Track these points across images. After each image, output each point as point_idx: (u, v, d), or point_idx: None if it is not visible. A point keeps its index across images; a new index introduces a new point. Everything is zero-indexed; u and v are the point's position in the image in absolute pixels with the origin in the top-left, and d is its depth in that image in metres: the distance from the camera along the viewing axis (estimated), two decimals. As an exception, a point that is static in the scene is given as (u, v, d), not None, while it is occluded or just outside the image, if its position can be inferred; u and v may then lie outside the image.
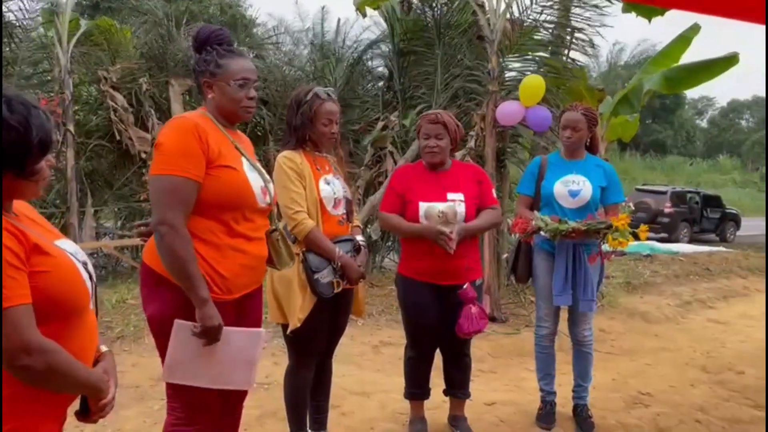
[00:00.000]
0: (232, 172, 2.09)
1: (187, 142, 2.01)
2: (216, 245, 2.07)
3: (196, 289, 1.98)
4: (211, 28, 2.21)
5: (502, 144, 6.19)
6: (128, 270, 7.93)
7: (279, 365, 4.06)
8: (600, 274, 3.47)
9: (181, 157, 1.99)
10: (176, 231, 1.97)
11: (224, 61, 2.14)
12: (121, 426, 3.43)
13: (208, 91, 2.17)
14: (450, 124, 3.07)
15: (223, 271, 2.08)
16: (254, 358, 2.15)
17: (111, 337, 4.73)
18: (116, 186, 7.98)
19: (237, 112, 2.19)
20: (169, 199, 1.98)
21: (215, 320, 2.00)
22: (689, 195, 16.95)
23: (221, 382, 2.12)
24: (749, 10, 3.10)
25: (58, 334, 1.37)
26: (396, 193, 3.12)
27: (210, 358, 2.07)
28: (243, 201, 2.12)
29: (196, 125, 2.04)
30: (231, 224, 2.10)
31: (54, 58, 7.39)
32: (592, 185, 3.31)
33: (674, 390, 4.23)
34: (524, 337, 5.28)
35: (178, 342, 2.05)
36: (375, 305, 6.00)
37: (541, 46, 6.76)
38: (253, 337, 2.16)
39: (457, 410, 3.35)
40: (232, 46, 2.20)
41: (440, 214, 2.96)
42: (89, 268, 1.52)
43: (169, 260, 1.99)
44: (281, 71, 8.92)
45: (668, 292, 7.63)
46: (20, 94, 1.38)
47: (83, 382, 1.43)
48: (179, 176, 1.98)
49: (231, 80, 2.13)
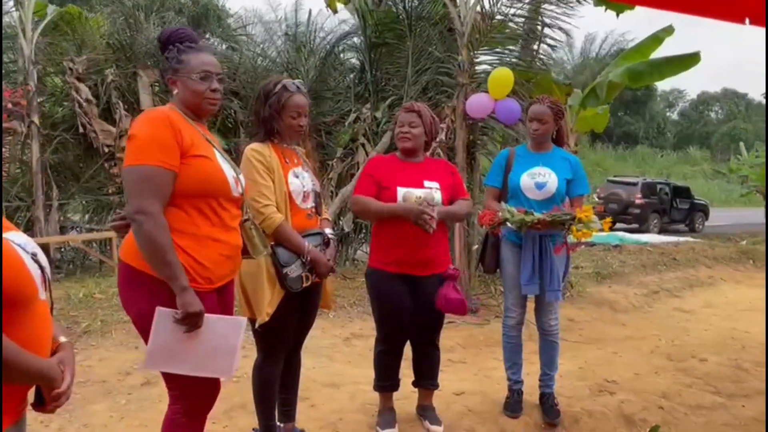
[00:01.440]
0: (206, 161, 2.12)
1: (160, 132, 2.03)
2: (195, 236, 2.09)
3: (175, 276, 1.99)
4: (172, 29, 2.26)
5: (472, 136, 6.23)
6: (96, 264, 7.82)
7: (248, 358, 4.01)
8: (566, 265, 3.52)
9: (155, 147, 2.01)
10: (154, 218, 1.98)
11: (185, 57, 2.19)
12: (87, 420, 3.39)
13: (173, 87, 2.22)
14: (425, 115, 3.12)
15: (203, 261, 2.09)
16: (235, 345, 2.15)
17: (78, 332, 4.67)
18: (83, 179, 7.84)
19: (201, 104, 2.21)
20: (145, 188, 2.00)
21: (196, 306, 2.02)
22: (659, 186, 17.25)
23: (202, 370, 2.12)
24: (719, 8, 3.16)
25: (4, 324, 1.36)
26: (373, 179, 3.11)
27: (191, 346, 2.08)
28: (218, 189, 2.14)
29: (168, 116, 2.08)
30: (208, 214, 2.12)
31: (17, 48, 7.21)
32: (558, 177, 3.36)
33: (639, 377, 4.32)
34: (494, 328, 5.34)
35: (160, 329, 2.05)
36: (347, 297, 6.02)
37: (511, 39, 6.80)
38: (234, 324, 2.17)
39: (425, 400, 3.39)
40: (194, 43, 2.23)
41: (418, 199, 2.98)
42: (39, 258, 1.52)
43: (148, 248, 2.00)
44: (253, 63, 8.84)
45: (636, 281, 7.78)
46: None
47: (33, 372, 1.42)
48: (154, 166, 2.00)
49: (193, 74, 2.17)
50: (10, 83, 7.37)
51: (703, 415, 3.76)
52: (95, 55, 7.80)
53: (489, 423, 3.41)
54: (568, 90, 6.91)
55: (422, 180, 3.07)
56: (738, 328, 5.86)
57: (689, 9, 3.13)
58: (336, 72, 8.67)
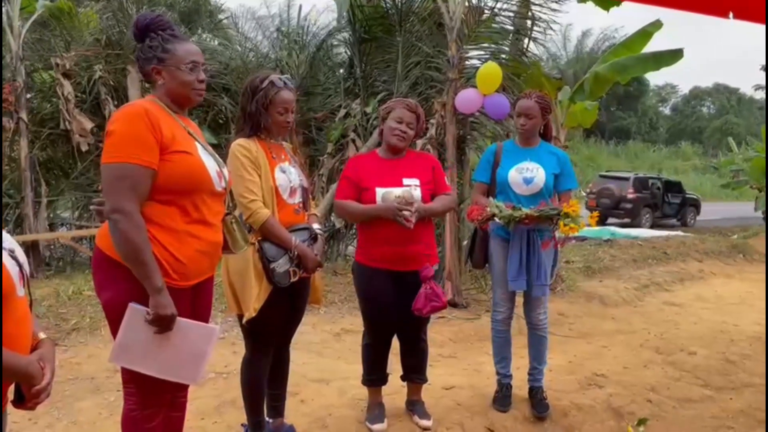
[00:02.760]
0: (187, 156, 2.09)
1: (137, 129, 2.00)
2: (174, 231, 2.07)
3: (150, 277, 1.98)
4: (151, 15, 2.20)
5: (462, 131, 6.23)
6: (86, 261, 7.78)
7: (238, 354, 4.03)
8: (554, 259, 3.54)
9: (133, 144, 1.98)
10: (130, 218, 1.96)
11: (171, 46, 2.14)
12: (75, 417, 3.38)
13: (157, 78, 2.16)
14: (421, 118, 3.15)
15: (180, 257, 2.08)
16: (205, 353, 2.13)
17: (66, 329, 4.65)
18: (72, 175, 7.78)
19: (189, 95, 2.19)
20: (122, 186, 1.97)
21: (168, 309, 2.00)
22: (651, 181, 17.33)
23: (168, 373, 2.10)
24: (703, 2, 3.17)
25: None
26: (351, 182, 3.13)
27: (160, 347, 2.06)
28: (200, 185, 2.12)
29: (146, 111, 2.03)
30: (189, 209, 2.10)
31: (5, 43, 7.14)
32: (545, 172, 3.36)
33: (628, 371, 4.35)
34: (484, 322, 5.34)
35: (130, 326, 2.03)
36: (337, 293, 6.02)
37: (500, 34, 6.79)
38: (206, 332, 2.15)
39: (414, 395, 3.40)
40: (174, 31, 2.19)
41: (397, 198, 2.98)
42: (17, 255, 1.51)
43: (123, 248, 1.98)
44: (244, 58, 8.80)
45: (626, 275, 7.82)
46: None
47: (10, 368, 1.42)
48: (131, 163, 1.98)
49: (181, 64, 2.14)
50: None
51: (691, 408, 3.79)
52: (84, 51, 7.74)
53: (478, 417, 3.42)
54: (558, 85, 6.90)
55: (401, 178, 3.06)
56: (728, 321, 5.90)
57: (673, 4, 3.14)
58: (326, 67, 8.64)
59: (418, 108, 3.15)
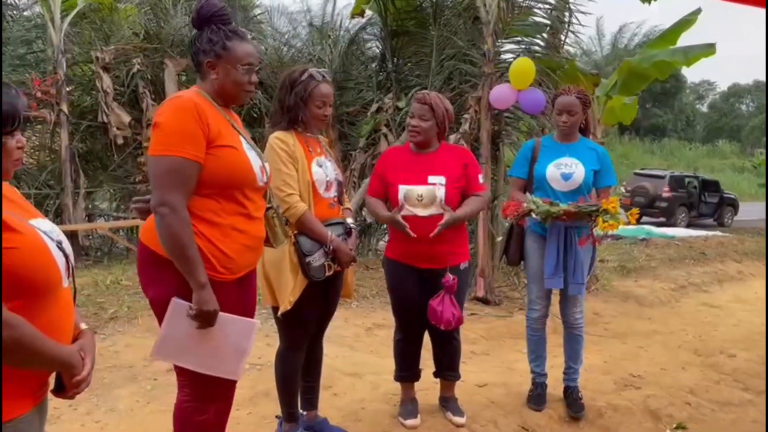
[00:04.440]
0: (233, 151, 2.08)
1: (186, 122, 1.98)
2: (220, 225, 2.07)
3: (194, 272, 1.97)
4: (215, 5, 2.13)
5: (497, 127, 6.16)
6: (123, 251, 7.94)
7: (272, 346, 4.06)
8: (591, 257, 3.48)
9: (181, 138, 1.97)
10: (176, 212, 1.95)
11: (231, 44, 2.11)
12: (114, 405, 3.45)
13: (210, 72, 2.13)
14: (438, 106, 3.04)
15: (226, 250, 2.08)
16: (246, 348, 2.13)
17: (105, 318, 4.74)
18: (111, 167, 7.94)
19: (239, 95, 2.18)
20: (169, 180, 1.96)
21: (211, 305, 2.00)
22: (688, 179, 16.96)
23: (209, 368, 2.11)
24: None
25: (26, 310, 1.37)
26: (379, 177, 3.15)
27: (201, 342, 2.06)
28: (244, 180, 2.11)
29: (195, 104, 2.01)
30: (233, 204, 2.10)
31: (47, 37, 7.31)
32: (584, 168, 3.30)
33: (665, 372, 4.26)
34: (517, 320, 5.31)
35: (173, 321, 2.04)
36: (369, 288, 6.03)
37: (536, 28, 6.70)
38: (247, 327, 2.15)
39: (447, 391, 3.37)
40: (232, 26, 2.16)
41: (419, 197, 2.96)
42: (64, 246, 1.53)
43: (168, 242, 1.97)
44: (278, 53, 8.85)
45: (663, 275, 7.66)
46: None
47: (53, 358, 1.43)
48: (179, 157, 1.96)
49: (238, 64, 2.11)
50: (40, 72, 7.48)
51: (731, 412, 3.69)
52: (123, 45, 7.88)
53: (512, 415, 3.39)
54: (595, 80, 6.77)
55: (426, 176, 3.01)
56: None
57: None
58: (358, 62, 8.64)
59: (428, 98, 3.05)
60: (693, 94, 48.40)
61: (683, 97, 43.21)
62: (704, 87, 50.11)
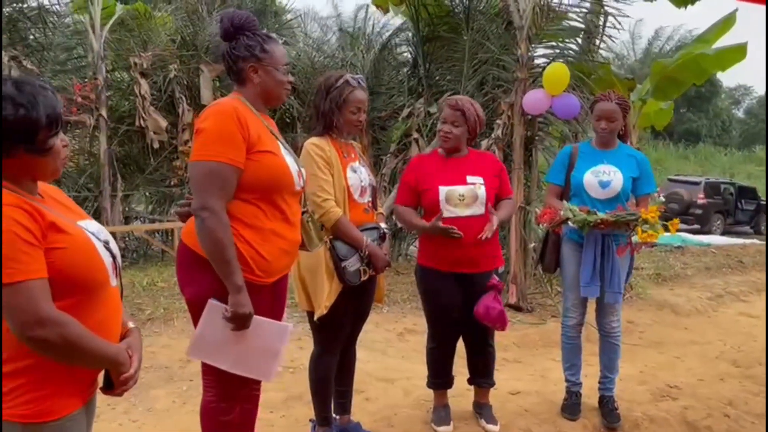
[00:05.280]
0: (272, 156, 2.13)
1: (227, 127, 2.03)
2: (260, 229, 2.11)
3: (232, 275, 2.01)
4: (245, 14, 2.21)
5: (530, 132, 6.12)
6: (158, 253, 8.08)
7: (304, 349, 4.10)
8: (629, 266, 3.42)
9: (222, 143, 2.02)
10: (216, 216, 2.00)
11: (269, 47, 2.18)
12: (151, 405, 3.52)
13: (252, 76, 2.18)
14: (469, 112, 3.05)
15: (265, 254, 2.12)
16: (279, 351, 2.16)
17: (142, 319, 4.84)
18: (147, 171, 8.10)
19: (281, 94, 2.25)
20: (210, 184, 2.01)
21: (247, 308, 2.04)
22: (723, 186, 16.60)
23: (243, 369, 2.14)
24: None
25: (75, 308, 1.41)
26: (409, 185, 3.14)
27: (235, 343, 2.10)
28: (282, 184, 2.15)
29: (236, 110, 2.06)
30: (272, 208, 2.14)
31: (87, 44, 7.50)
32: (623, 176, 3.25)
33: (703, 383, 4.17)
34: (550, 328, 5.25)
35: (208, 322, 2.09)
36: (400, 293, 6.04)
37: (570, 32, 6.64)
38: (281, 330, 2.18)
39: (481, 398, 3.36)
40: (264, 31, 2.23)
41: (461, 197, 2.96)
42: (111, 246, 1.57)
43: (208, 245, 2.02)
44: (310, 58, 8.94)
45: (699, 284, 7.50)
46: (30, 77, 1.46)
47: (101, 356, 1.47)
48: (220, 162, 2.01)
49: (279, 65, 2.19)
50: (80, 78, 7.67)
51: (772, 426, 3.60)
52: (160, 51, 8.04)
53: (546, 424, 3.35)
54: (630, 85, 6.70)
55: (465, 175, 3.02)
56: (810, 336, 5.57)
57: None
58: (390, 67, 8.67)
59: (461, 103, 3.06)
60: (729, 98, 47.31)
61: (719, 102, 42.27)
62: (740, 92, 48.92)
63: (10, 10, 7.69)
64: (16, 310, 1.32)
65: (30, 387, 1.38)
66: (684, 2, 6.86)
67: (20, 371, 1.37)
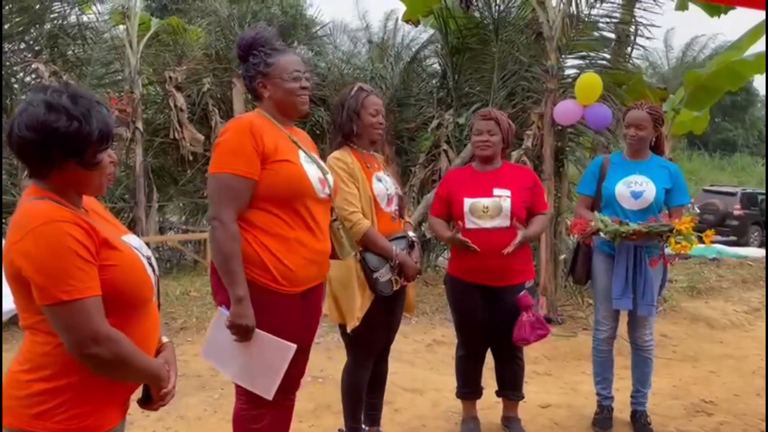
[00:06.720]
0: (288, 165, 2.16)
1: (240, 141, 2.10)
2: (282, 238, 2.15)
3: (234, 285, 2.07)
4: (251, 34, 2.27)
5: (560, 143, 6.08)
6: (191, 263, 8.21)
7: (333, 360, 4.13)
8: (662, 278, 3.38)
9: (234, 156, 2.09)
10: (225, 227, 2.07)
11: (272, 60, 2.22)
12: (183, 413, 3.57)
13: (263, 91, 2.24)
14: (502, 121, 3.10)
15: (288, 263, 2.15)
16: (279, 369, 2.14)
17: (174, 328, 4.92)
18: (181, 182, 8.26)
19: (294, 102, 2.25)
20: (222, 195, 2.10)
21: (245, 320, 2.08)
22: (761, 197, 16.15)
23: (245, 380, 2.19)
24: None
25: (123, 324, 1.44)
26: (441, 197, 3.20)
27: (239, 354, 2.15)
28: (300, 191, 2.18)
29: (251, 124, 2.13)
30: (293, 217, 2.17)
31: (124, 58, 7.70)
32: (655, 186, 3.22)
33: (739, 399, 4.07)
34: (581, 340, 5.19)
35: (217, 327, 2.17)
36: (429, 303, 6.02)
37: (601, 42, 6.59)
38: (283, 349, 2.15)
39: (510, 411, 3.34)
40: (274, 45, 2.26)
41: (484, 208, 2.98)
42: (152, 262, 1.60)
43: (216, 254, 2.11)
44: (340, 71, 9.02)
45: (735, 297, 7.32)
46: (86, 91, 1.47)
47: (146, 371, 1.50)
48: (230, 174, 2.09)
49: (284, 74, 2.22)
50: (117, 91, 7.88)
51: (811, 443, 3.49)
52: (194, 65, 8.22)
53: (577, 438, 3.31)
54: (663, 95, 6.61)
55: (492, 188, 3.03)
56: None
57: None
58: (419, 78, 8.70)
59: (493, 113, 3.12)
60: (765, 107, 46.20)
61: (755, 111, 41.28)
62: (778, 100, 47.79)
63: (51, 27, 7.95)
64: (73, 327, 1.34)
65: (73, 403, 1.40)
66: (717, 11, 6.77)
67: (64, 388, 1.39)
